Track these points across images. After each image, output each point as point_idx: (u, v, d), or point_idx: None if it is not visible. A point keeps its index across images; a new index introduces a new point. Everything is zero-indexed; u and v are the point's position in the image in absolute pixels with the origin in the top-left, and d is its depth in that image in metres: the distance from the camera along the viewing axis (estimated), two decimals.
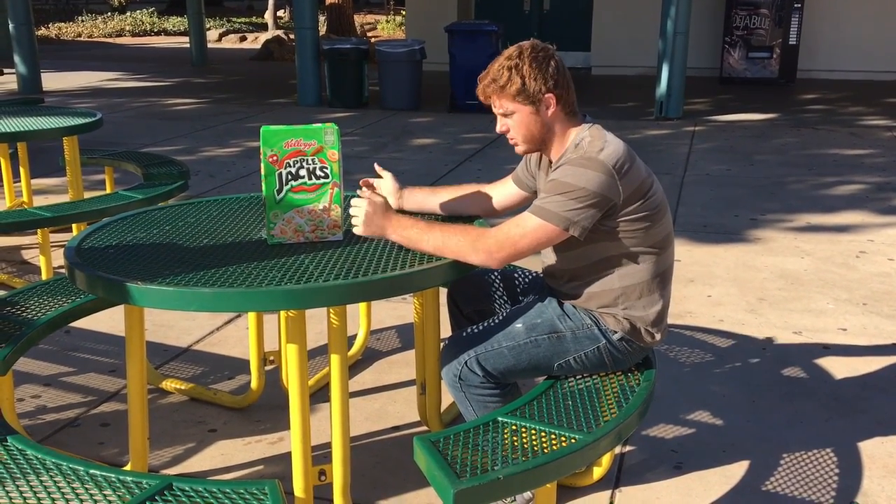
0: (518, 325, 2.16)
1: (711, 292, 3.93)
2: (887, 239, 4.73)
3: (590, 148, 2.03)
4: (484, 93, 2.11)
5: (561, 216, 1.99)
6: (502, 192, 2.43)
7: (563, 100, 2.09)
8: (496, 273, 2.52)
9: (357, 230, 2.13)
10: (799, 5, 11.32)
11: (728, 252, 4.52)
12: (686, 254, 4.47)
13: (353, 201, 2.15)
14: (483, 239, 2.04)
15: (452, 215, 2.42)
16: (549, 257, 2.26)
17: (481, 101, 2.15)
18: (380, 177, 2.48)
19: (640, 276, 2.11)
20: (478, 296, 2.47)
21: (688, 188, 5.91)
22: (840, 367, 3.15)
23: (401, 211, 2.37)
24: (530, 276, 2.49)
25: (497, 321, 2.21)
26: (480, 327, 2.20)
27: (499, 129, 2.16)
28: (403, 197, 2.43)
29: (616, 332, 2.13)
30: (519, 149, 2.17)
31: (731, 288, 3.98)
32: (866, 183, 6.03)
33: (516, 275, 2.50)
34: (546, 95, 2.06)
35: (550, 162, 2.20)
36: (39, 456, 1.79)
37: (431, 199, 2.43)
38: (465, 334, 2.21)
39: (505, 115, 2.12)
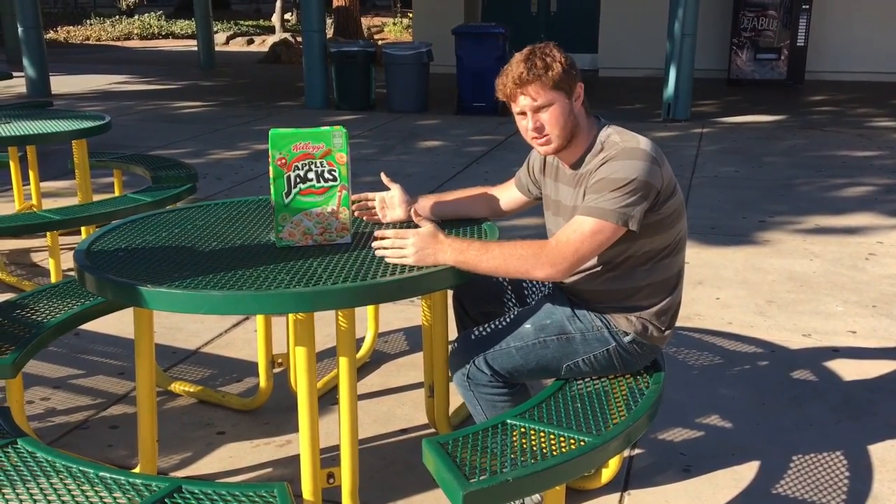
0: (527, 325, 2.16)
1: (720, 294, 3.92)
2: None
3: (625, 143, 2.02)
4: (515, 89, 2.02)
5: (618, 212, 1.95)
6: (507, 195, 2.43)
7: (584, 92, 2.09)
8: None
9: (409, 262, 2.03)
10: (807, 6, 11.28)
11: (736, 254, 4.50)
12: (694, 256, 4.45)
13: (399, 233, 2.06)
14: (544, 252, 1.97)
15: (464, 218, 2.42)
16: None
17: (503, 99, 2.07)
18: (387, 188, 2.46)
19: (656, 276, 2.11)
20: (485, 297, 2.47)
21: (696, 190, 5.90)
22: (849, 370, 3.14)
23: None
24: None
25: (506, 321, 2.21)
26: (490, 327, 2.20)
27: (533, 125, 2.05)
28: (414, 206, 2.40)
29: (628, 335, 2.13)
30: (551, 147, 2.08)
31: (740, 290, 3.97)
32: (875, 185, 6.01)
33: None
34: (578, 84, 2.05)
35: (557, 166, 2.19)
36: (49, 458, 1.79)
37: (441, 204, 2.43)
38: (474, 334, 2.21)
39: (539, 110, 2.03)
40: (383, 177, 2.39)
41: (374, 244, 2.09)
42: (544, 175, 2.28)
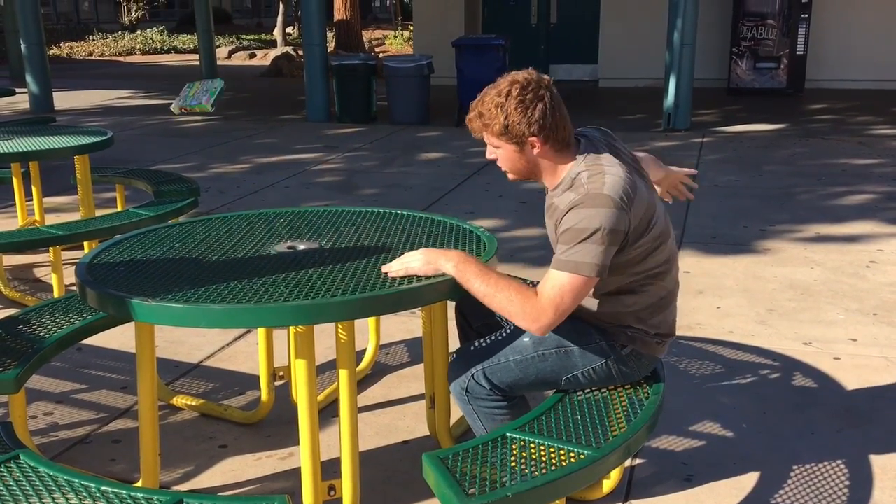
0: (525, 338, 2.17)
1: (721, 303, 3.92)
2: None
3: (591, 184, 1.99)
4: (472, 126, 2.10)
5: (590, 265, 1.94)
6: None
7: (551, 139, 2.04)
8: None
9: (416, 266, 2.07)
10: (806, 15, 11.32)
11: (737, 263, 4.51)
12: (695, 265, 4.46)
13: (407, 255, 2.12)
14: (529, 304, 1.97)
15: None
16: None
17: (471, 132, 2.12)
18: None
19: (648, 300, 2.13)
20: (487, 309, 2.48)
21: (696, 199, 5.89)
22: (851, 378, 3.14)
23: None
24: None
25: (504, 335, 2.22)
26: (488, 341, 2.21)
27: (488, 155, 2.16)
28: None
29: (625, 347, 2.14)
30: (509, 177, 2.18)
31: (741, 299, 3.97)
32: (876, 193, 6.01)
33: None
34: (530, 139, 2.03)
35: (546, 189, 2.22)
36: (51, 473, 1.80)
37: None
38: (472, 348, 2.22)
39: (492, 148, 2.12)
40: None
41: (384, 268, 2.12)
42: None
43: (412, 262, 2.07)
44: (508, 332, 2.22)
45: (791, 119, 9.48)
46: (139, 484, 2.41)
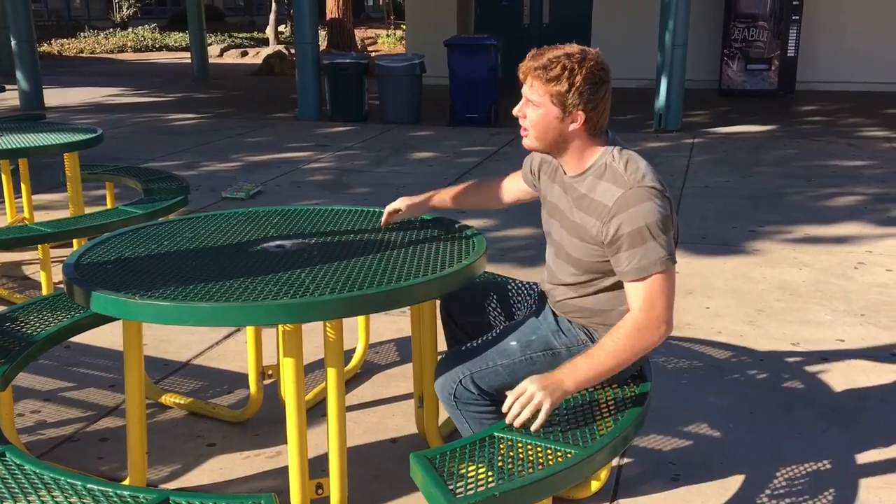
0: (513, 342, 2.16)
1: (710, 304, 3.93)
2: (885, 250, 4.74)
3: (631, 176, 2.00)
4: (526, 71, 2.02)
5: (663, 259, 1.95)
6: (513, 184, 2.47)
7: (591, 122, 2.04)
8: (490, 285, 2.53)
9: (548, 406, 1.93)
10: (797, 17, 11.36)
11: (727, 264, 4.52)
12: (685, 265, 4.47)
13: (513, 395, 1.97)
14: (641, 328, 1.96)
15: (458, 209, 2.55)
16: (554, 279, 2.23)
17: (519, 76, 2.05)
18: (398, 210, 2.53)
19: None
20: (472, 307, 2.48)
21: (687, 200, 5.93)
22: (838, 379, 3.16)
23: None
24: (523, 287, 2.50)
25: (491, 338, 2.21)
26: (474, 344, 2.20)
27: (516, 111, 2.08)
28: (420, 205, 2.53)
29: None
30: (526, 141, 2.10)
31: (730, 299, 3.99)
32: (865, 194, 6.04)
33: (509, 286, 2.51)
34: (578, 112, 2.01)
35: (556, 167, 2.19)
36: (38, 471, 1.80)
37: (441, 197, 2.56)
38: (458, 352, 2.21)
39: (531, 103, 2.04)
40: (391, 213, 2.53)
41: (508, 419, 1.95)
42: (541, 172, 2.27)
43: (539, 400, 1.92)
44: (495, 335, 2.22)
45: (782, 120, 9.52)
46: (126, 482, 2.41)
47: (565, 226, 2.14)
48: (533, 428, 1.93)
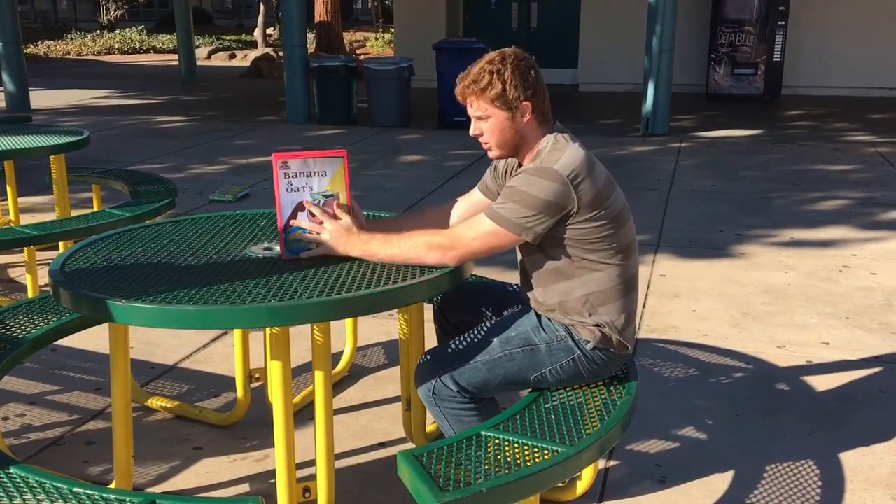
0: (493, 338, 2.18)
1: (696, 307, 3.96)
2: (870, 253, 4.77)
3: (548, 158, 2.09)
4: (462, 93, 2.15)
5: (514, 222, 2.05)
6: (464, 205, 2.45)
7: (538, 109, 2.14)
8: (485, 286, 2.54)
9: (324, 250, 2.17)
10: (783, 22, 11.44)
11: (713, 267, 4.55)
12: (671, 269, 4.50)
13: (322, 215, 2.17)
14: (436, 238, 2.10)
15: None
16: (520, 265, 2.30)
17: (458, 100, 2.18)
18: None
19: (604, 284, 2.14)
20: (464, 307, 2.49)
21: (673, 204, 5.96)
22: (823, 381, 3.18)
23: None
24: (515, 289, 2.51)
25: (472, 336, 2.23)
26: (455, 343, 2.22)
27: (472, 131, 2.19)
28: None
29: (589, 342, 2.15)
30: (492, 153, 2.21)
31: (716, 303, 4.01)
32: (850, 198, 6.09)
33: (501, 288, 2.52)
34: (523, 103, 2.11)
35: (514, 169, 2.25)
36: (23, 475, 1.79)
37: (385, 226, 2.42)
38: (438, 350, 2.23)
39: (480, 119, 2.15)
40: (336, 209, 2.27)
41: (293, 222, 2.18)
42: (506, 177, 2.33)
43: (322, 238, 2.16)
44: (476, 333, 2.23)
45: (768, 125, 9.58)
46: (112, 486, 2.40)
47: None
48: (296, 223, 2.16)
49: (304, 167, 2.17)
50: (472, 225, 2.10)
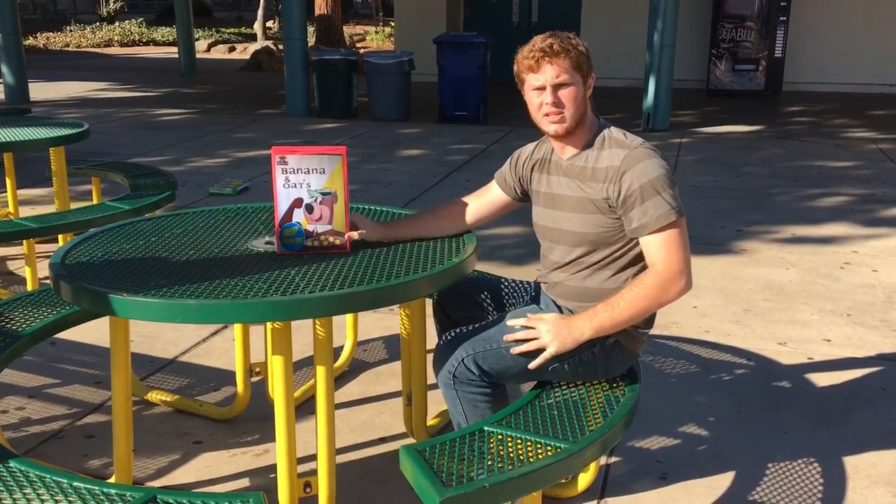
0: (518, 328, 2.16)
1: (697, 303, 3.95)
2: (871, 250, 4.77)
3: (632, 141, 2.13)
4: (535, 58, 2.07)
5: (672, 210, 2.04)
6: (482, 201, 2.43)
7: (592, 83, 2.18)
8: (484, 282, 2.53)
9: (553, 350, 2.07)
10: (784, 18, 11.42)
11: (714, 263, 4.54)
12: None
13: (527, 323, 2.12)
14: (661, 279, 2.05)
15: (424, 238, 2.38)
16: (549, 263, 2.27)
17: (522, 72, 2.12)
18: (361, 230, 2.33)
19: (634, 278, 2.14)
20: (465, 303, 2.48)
21: None
22: (824, 378, 3.17)
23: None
24: (518, 285, 2.50)
25: (495, 323, 2.21)
26: (476, 327, 2.20)
27: (551, 99, 2.09)
28: (382, 234, 2.37)
29: (609, 337, 2.14)
30: (563, 125, 2.12)
31: (717, 299, 4.00)
32: (851, 195, 6.08)
33: (503, 283, 2.51)
34: (591, 75, 2.15)
35: (550, 161, 2.23)
36: (23, 469, 1.78)
37: (404, 227, 2.40)
38: (461, 334, 2.19)
39: (559, 87, 2.09)
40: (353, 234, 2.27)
41: (507, 336, 2.12)
42: (534, 171, 2.30)
43: (545, 341, 2.07)
44: (499, 320, 2.21)
45: (769, 121, 9.57)
46: (112, 480, 2.39)
47: (569, 206, 2.18)
48: (531, 366, 2.07)
49: (302, 164, 2.16)
50: (662, 248, 2.05)
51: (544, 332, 2.08)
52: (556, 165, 2.24)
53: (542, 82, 2.10)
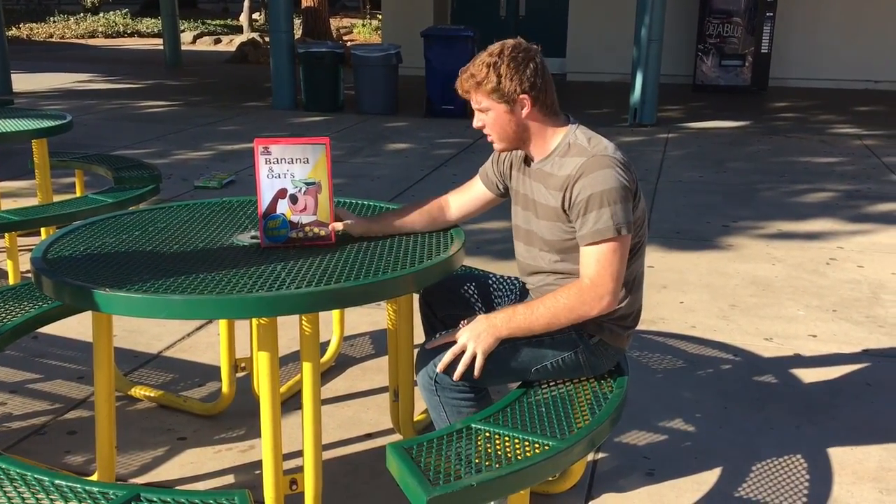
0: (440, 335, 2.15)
1: (684, 298, 3.95)
2: (857, 246, 4.79)
3: (594, 147, 2.08)
4: (462, 86, 2.13)
5: (616, 226, 1.99)
6: (465, 196, 2.42)
7: (541, 101, 2.11)
8: (471, 278, 2.51)
9: (476, 350, 2.04)
10: (771, 14, 11.45)
11: (700, 258, 4.55)
12: (659, 260, 4.49)
13: (448, 337, 2.10)
14: (585, 292, 2.01)
15: (407, 233, 2.37)
16: (529, 269, 2.26)
17: (460, 94, 2.16)
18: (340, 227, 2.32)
19: (628, 276, 2.13)
20: (452, 300, 2.46)
21: (661, 195, 5.95)
22: (810, 374, 3.18)
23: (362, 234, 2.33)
24: (505, 281, 2.49)
25: None
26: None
27: (476, 124, 2.17)
28: (366, 227, 2.35)
29: (594, 337, 2.14)
30: (496, 146, 2.20)
31: (704, 294, 4.01)
32: (837, 190, 6.11)
33: (490, 279, 2.50)
34: (521, 96, 2.08)
35: (528, 160, 2.21)
36: (3, 466, 1.75)
37: (389, 221, 2.38)
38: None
39: (481, 111, 2.14)
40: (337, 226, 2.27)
41: (428, 345, 2.13)
42: (512, 168, 2.30)
43: (471, 347, 2.04)
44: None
45: (755, 116, 9.60)
46: (95, 477, 2.36)
47: (539, 213, 2.18)
48: (475, 375, 2.04)
49: (286, 153, 2.14)
50: (595, 259, 2.01)
51: (463, 336, 2.06)
52: (530, 167, 2.24)
53: (472, 106, 2.16)
